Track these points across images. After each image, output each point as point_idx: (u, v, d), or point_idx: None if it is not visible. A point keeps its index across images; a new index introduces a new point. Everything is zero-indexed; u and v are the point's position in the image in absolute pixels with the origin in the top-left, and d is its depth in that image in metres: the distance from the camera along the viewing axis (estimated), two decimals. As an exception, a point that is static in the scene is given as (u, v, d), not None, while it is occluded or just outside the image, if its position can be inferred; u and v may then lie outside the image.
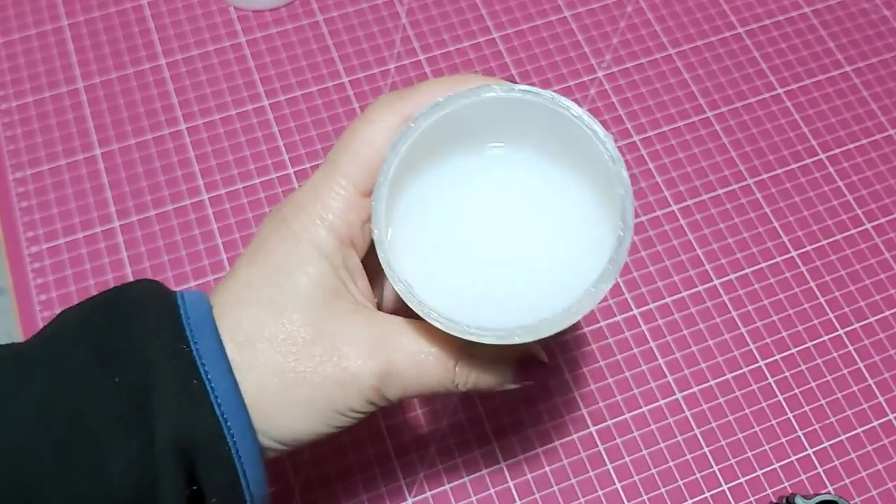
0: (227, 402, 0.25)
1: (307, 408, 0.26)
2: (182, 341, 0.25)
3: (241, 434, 0.25)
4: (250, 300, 0.26)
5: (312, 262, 0.26)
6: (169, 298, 0.26)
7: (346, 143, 0.27)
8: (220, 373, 0.25)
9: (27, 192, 0.45)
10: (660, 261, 0.44)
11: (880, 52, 0.51)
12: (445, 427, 0.40)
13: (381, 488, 0.39)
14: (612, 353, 0.42)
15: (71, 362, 0.24)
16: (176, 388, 0.24)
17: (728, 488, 0.39)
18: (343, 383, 0.26)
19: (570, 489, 0.39)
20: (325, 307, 0.26)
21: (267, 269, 0.27)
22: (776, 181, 0.47)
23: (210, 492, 0.25)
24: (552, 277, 0.27)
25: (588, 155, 0.26)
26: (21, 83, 0.48)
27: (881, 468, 0.40)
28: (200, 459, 0.24)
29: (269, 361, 0.25)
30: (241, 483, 0.25)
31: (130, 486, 0.23)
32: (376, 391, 0.26)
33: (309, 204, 0.27)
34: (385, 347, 0.26)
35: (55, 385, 0.24)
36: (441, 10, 0.51)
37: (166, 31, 0.50)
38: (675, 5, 0.52)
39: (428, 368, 0.27)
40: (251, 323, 0.26)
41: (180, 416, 0.24)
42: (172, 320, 0.25)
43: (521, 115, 0.27)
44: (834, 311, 0.43)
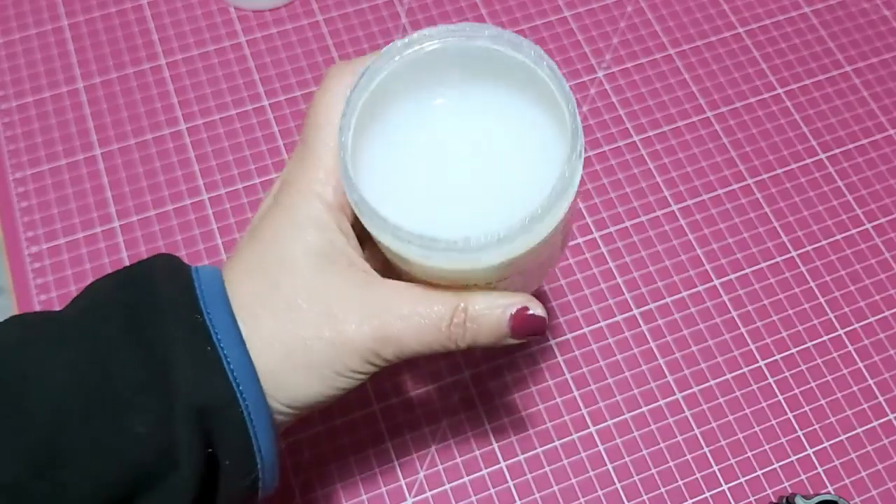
0: (240, 369, 0.26)
1: (311, 371, 0.27)
2: (197, 313, 0.26)
3: (253, 399, 0.26)
4: (251, 274, 0.28)
5: (304, 231, 0.28)
6: (186, 274, 0.28)
7: (313, 117, 0.29)
8: (232, 342, 0.26)
9: (27, 192, 0.45)
10: (660, 261, 0.44)
11: (880, 52, 0.51)
12: (445, 427, 0.40)
13: (381, 488, 0.39)
14: (612, 353, 0.42)
15: (104, 332, 0.26)
16: (193, 356, 0.26)
17: (728, 488, 0.39)
18: (341, 346, 0.27)
19: (570, 489, 0.39)
20: (319, 274, 0.27)
21: (263, 244, 0.28)
22: (776, 181, 0.47)
23: (223, 454, 0.26)
24: (518, 202, 0.27)
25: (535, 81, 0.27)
26: (21, 83, 0.48)
27: (881, 468, 0.40)
28: (216, 423, 0.26)
29: (272, 330, 0.27)
30: (252, 446, 0.26)
31: (154, 446, 0.25)
32: (374, 353, 0.27)
33: (295, 179, 0.28)
34: (379, 310, 0.27)
35: (89, 351, 0.26)
36: (441, 9, 0.51)
37: (166, 31, 0.50)
38: (675, 5, 0.52)
39: (423, 328, 0.28)
40: (252, 295, 0.27)
41: (197, 383, 0.25)
42: (189, 295, 0.27)
43: (476, 57, 0.28)
44: (834, 311, 0.43)
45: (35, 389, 0.25)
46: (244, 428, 0.26)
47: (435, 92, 0.29)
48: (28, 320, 0.27)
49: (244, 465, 0.27)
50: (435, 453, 0.40)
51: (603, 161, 0.47)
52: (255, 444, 0.26)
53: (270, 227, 0.28)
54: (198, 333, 0.26)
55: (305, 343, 0.27)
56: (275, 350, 0.27)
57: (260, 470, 0.27)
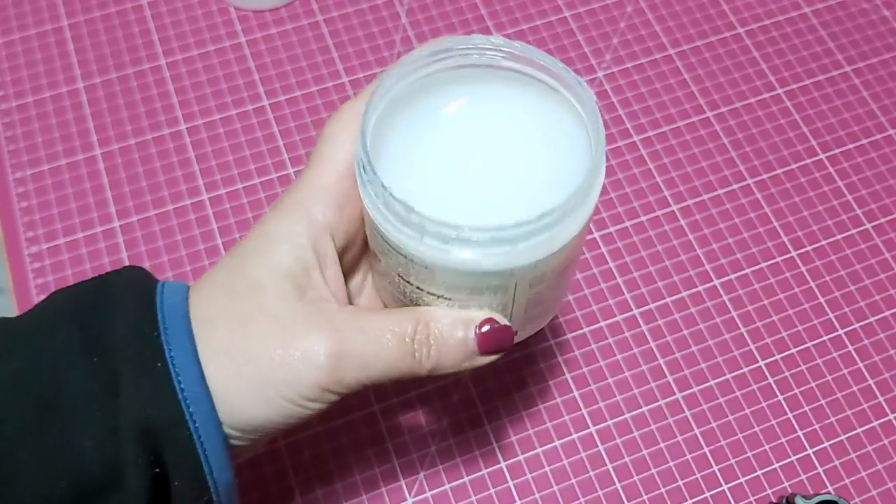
0: (191, 388, 0.25)
1: (257, 391, 0.26)
2: (152, 326, 0.25)
3: (203, 419, 0.25)
4: (212, 283, 0.27)
5: (273, 247, 0.27)
6: (148, 285, 0.27)
7: (321, 136, 0.28)
8: (186, 360, 0.25)
9: (27, 192, 0.45)
10: (660, 261, 0.44)
11: (880, 52, 0.51)
12: (445, 427, 0.40)
13: (381, 488, 0.39)
14: (612, 353, 0.42)
15: (54, 341, 0.25)
16: (141, 371, 0.24)
17: (728, 488, 0.39)
18: (292, 365, 0.25)
19: (570, 489, 0.39)
20: (278, 290, 0.26)
21: (235, 259, 0.27)
22: (776, 181, 0.47)
23: (173, 474, 0.25)
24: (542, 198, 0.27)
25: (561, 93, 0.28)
26: (21, 83, 0.48)
27: (881, 468, 0.40)
28: (163, 443, 0.25)
29: (225, 343, 0.26)
30: (203, 468, 0.25)
31: (100, 461, 0.24)
32: (329, 374, 0.26)
33: (286, 198, 0.28)
34: (337, 327, 0.26)
35: (36, 360, 0.25)
36: (441, 10, 0.51)
37: (166, 31, 0.50)
38: (675, 5, 0.52)
39: (383, 344, 0.26)
40: (208, 303, 0.26)
41: (144, 400, 0.24)
42: (146, 305, 0.26)
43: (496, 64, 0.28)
44: (834, 311, 0.43)
45: None
46: (192, 449, 0.25)
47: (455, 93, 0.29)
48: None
49: (195, 486, 0.25)
50: (435, 453, 0.40)
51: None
52: (206, 465, 0.25)
53: (245, 242, 0.28)
54: (150, 348, 0.25)
55: (253, 358, 0.25)
56: (224, 364, 0.25)
57: (213, 492, 0.26)
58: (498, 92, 0.29)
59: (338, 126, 0.28)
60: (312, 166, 0.28)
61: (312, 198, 0.27)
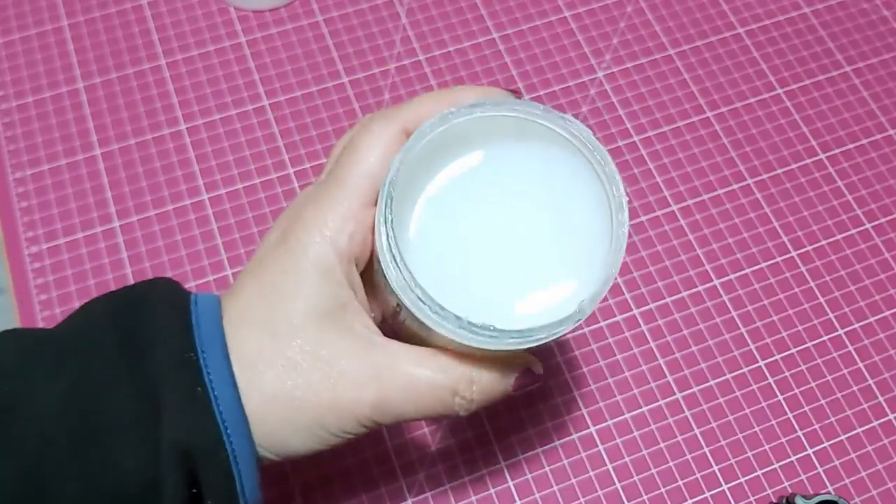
0: (229, 412, 0.25)
1: (303, 429, 0.27)
2: (191, 350, 0.26)
3: (240, 443, 0.26)
4: (252, 321, 0.27)
5: (309, 281, 0.27)
6: (183, 305, 0.27)
7: (349, 155, 0.28)
8: (223, 383, 0.26)
9: (27, 192, 0.45)
10: (660, 261, 0.44)
11: (880, 53, 0.51)
12: (445, 427, 0.40)
13: (380, 489, 0.39)
14: (612, 353, 0.42)
15: (98, 359, 0.26)
16: (182, 395, 0.25)
17: (728, 488, 0.39)
18: (336, 411, 0.26)
19: (570, 489, 0.39)
20: (321, 332, 0.27)
21: (265, 288, 0.27)
22: (776, 181, 0.47)
23: (208, 494, 0.26)
24: (560, 275, 0.27)
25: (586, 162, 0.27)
26: (21, 83, 0.48)
27: (881, 468, 0.40)
28: (201, 464, 0.25)
29: (269, 385, 0.26)
30: (236, 489, 0.26)
31: (140, 481, 0.25)
32: (370, 419, 0.27)
33: (310, 219, 0.27)
34: (379, 376, 0.27)
35: (82, 378, 0.25)
36: (441, 10, 0.51)
37: (166, 31, 0.50)
38: (675, 5, 0.52)
39: (425, 398, 0.27)
40: (252, 345, 0.27)
41: (184, 423, 0.25)
42: (184, 329, 0.26)
43: (523, 128, 0.27)
44: (834, 311, 0.43)
45: (25, 417, 0.24)
46: (229, 471, 0.25)
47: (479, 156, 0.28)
48: (24, 340, 0.27)
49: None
50: (435, 454, 0.40)
51: (603, 161, 0.47)
52: (240, 486, 0.26)
53: (275, 268, 0.27)
54: (189, 372, 0.25)
55: (300, 403, 0.26)
56: (269, 404, 0.26)
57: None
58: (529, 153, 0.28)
59: (365, 143, 0.28)
60: (337, 186, 0.27)
61: (338, 227, 0.27)
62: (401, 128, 0.28)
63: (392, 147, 0.27)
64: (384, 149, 0.27)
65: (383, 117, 0.28)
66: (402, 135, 0.28)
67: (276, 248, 0.28)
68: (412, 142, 0.26)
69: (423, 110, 0.28)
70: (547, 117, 0.27)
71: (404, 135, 0.28)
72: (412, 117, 0.28)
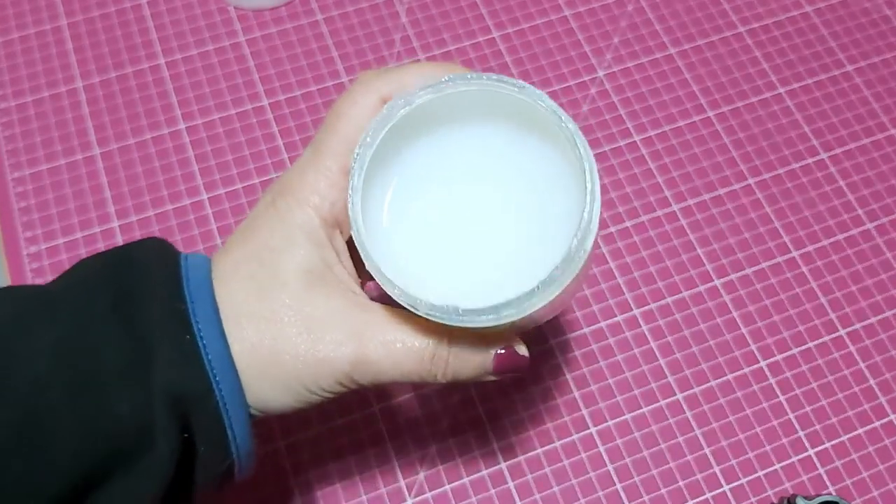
0: (218, 361, 0.26)
1: (279, 384, 0.27)
2: (180, 301, 0.27)
3: (229, 390, 0.26)
4: (240, 276, 0.28)
5: (297, 243, 0.28)
6: (173, 260, 0.28)
7: (331, 124, 0.28)
8: (213, 334, 0.26)
9: (26, 192, 0.45)
10: (660, 261, 0.44)
11: (882, 51, 0.50)
12: (445, 427, 0.40)
13: (380, 489, 0.39)
14: (613, 353, 0.42)
15: (91, 311, 0.26)
16: (172, 344, 0.26)
17: (729, 489, 0.39)
18: (314, 365, 0.27)
19: (571, 490, 0.39)
20: (306, 290, 0.27)
21: (254, 248, 0.28)
22: (777, 181, 0.46)
23: (200, 440, 0.27)
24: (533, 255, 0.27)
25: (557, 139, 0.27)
26: (20, 83, 0.48)
27: (882, 469, 0.40)
28: (192, 411, 0.26)
29: (250, 337, 0.27)
30: (227, 436, 0.27)
31: (133, 427, 0.25)
32: (348, 376, 0.27)
33: (296, 186, 0.28)
34: (360, 335, 0.27)
35: (76, 328, 0.26)
36: (441, 9, 0.51)
37: (165, 31, 0.50)
38: (676, 4, 0.52)
39: (403, 357, 0.27)
40: (238, 298, 0.27)
41: (175, 370, 0.26)
42: (174, 282, 0.27)
43: (492, 101, 0.27)
44: (835, 311, 0.43)
45: (19, 366, 0.25)
46: (219, 418, 0.26)
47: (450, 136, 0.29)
48: (18, 295, 0.27)
49: (219, 452, 0.27)
50: (435, 454, 0.40)
51: (603, 161, 0.47)
52: (231, 433, 0.27)
53: (264, 231, 0.28)
54: (179, 322, 0.26)
55: (279, 357, 0.27)
56: (250, 357, 0.27)
57: (235, 458, 0.27)
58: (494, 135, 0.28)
59: (344, 111, 0.28)
60: (317, 154, 0.28)
61: (321, 194, 0.28)
62: (378, 97, 0.28)
63: (369, 116, 0.28)
64: (362, 117, 0.28)
65: (364, 84, 0.28)
66: (381, 103, 0.28)
67: (265, 210, 0.29)
68: (373, 128, 0.27)
69: (406, 79, 0.28)
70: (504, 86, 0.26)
71: (382, 103, 0.28)
72: (392, 87, 0.28)
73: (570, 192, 0.27)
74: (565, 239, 0.25)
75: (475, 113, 0.28)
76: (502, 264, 0.28)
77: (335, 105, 0.29)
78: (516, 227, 0.28)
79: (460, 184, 0.29)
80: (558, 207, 0.28)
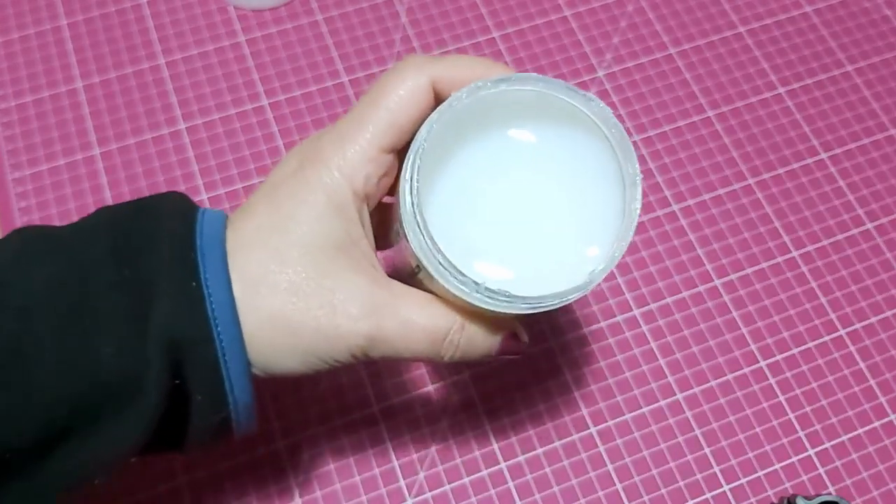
0: (221, 310, 0.26)
1: (294, 352, 0.27)
2: (191, 249, 0.26)
3: (230, 340, 0.26)
4: (260, 244, 0.27)
5: (324, 214, 0.27)
6: (190, 210, 0.28)
7: (375, 96, 0.28)
8: (219, 284, 0.26)
9: (26, 191, 0.45)
10: (660, 261, 0.44)
11: (881, 51, 0.50)
12: (445, 427, 0.40)
13: (380, 489, 0.39)
14: (613, 353, 0.42)
15: (90, 251, 0.26)
16: (176, 288, 0.26)
17: (729, 489, 0.39)
18: (331, 339, 0.27)
19: (571, 490, 0.39)
20: (329, 262, 0.27)
21: (279, 214, 0.28)
22: (777, 181, 0.46)
23: (195, 388, 0.26)
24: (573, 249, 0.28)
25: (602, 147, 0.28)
26: (20, 83, 0.48)
27: (882, 469, 0.40)
28: (189, 357, 0.26)
29: (268, 307, 0.27)
30: (224, 386, 0.26)
31: (118, 369, 0.25)
32: (362, 349, 0.28)
33: (330, 152, 0.28)
34: (379, 312, 0.27)
35: (69, 266, 0.26)
36: (441, 9, 0.51)
37: (165, 31, 0.50)
38: (676, 4, 0.52)
39: (417, 337, 0.28)
40: (257, 267, 0.27)
41: (175, 315, 0.25)
42: (187, 229, 0.27)
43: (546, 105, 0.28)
44: (835, 311, 0.43)
45: (11, 296, 0.25)
46: (217, 367, 0.26)
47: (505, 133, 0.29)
48: (28, 233, 0.27)
49: (215, 402, 0.27)
50: (435, 454, 0.40)
51: (603, 161, 0.47)
52: (228, 384, 0.26)
53: (290, 198, 0.28)
54: (186, 268, 0.26)
55: (297, 328, 0.27)
56: (265, 326, 0.27)
57: (232, 410, 0.27)
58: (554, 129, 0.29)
59: (392, 87, 0.28)
60: (358, 125, 0.28)
61: (356, 167, 0.27)
62: (429, 80, 0.28)
63: (417, 96, 0.28)
64: (410, 97, 0.28)
65: (415, 65, 0.28)
66: (430, 87, 0.28)
67: (293, 175, 0.28)
68: (442, 112, 0.27)
69: (455, 70, 0.28)
70: (569, 93, 0.27)
71: (431, 88, 0.28)
72: (443, 73, 0.28)
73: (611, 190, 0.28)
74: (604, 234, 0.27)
75: (526, 108, 0.29)
76: (542, 253, 0.29)
77: (381, 79, 0.28)
78: (557, 219, 0.29)
79: (507, 174, 0.29)
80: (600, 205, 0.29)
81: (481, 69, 0.28)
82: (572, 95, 0.27)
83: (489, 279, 0.26)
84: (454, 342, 0.28)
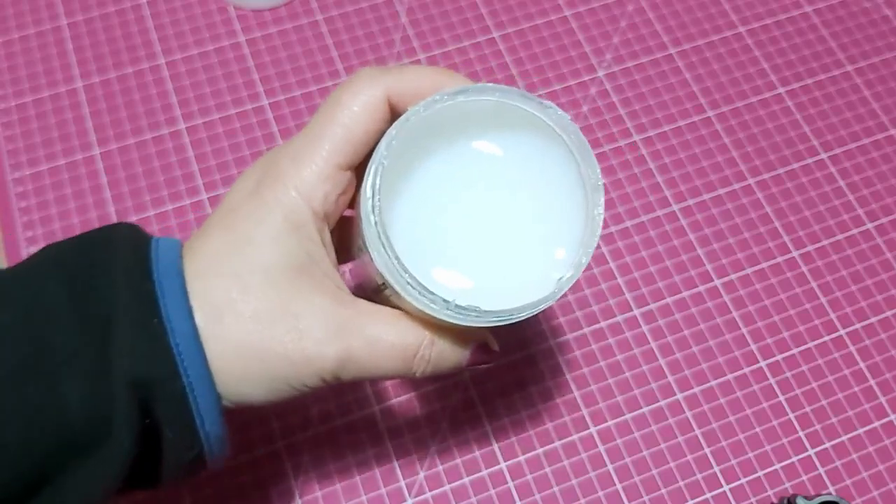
0: (185, 343, 0.25)
1: (262, 380, 0.27)
2: (148, 281, 0.25)
3: (196, 374, 0.25)
4: (220, 271, 0.26)
5: (282, 235, 0.26)
6: (142, 241, 0.27)
7: (329, 113, 0.27)
8: (181, 316, 0.25)
9: (26, 191, 0.45)
10: (660, 261, 0.44)
11: (881, 51, 0.50)
12: (445, 427, 0.40)
13: (380, 489, 0.39)
14: (613, 353, 0.42)
15: (42, 294, 0.25)
16: (136, 324, 0.25)
17: (729, 489, 0.39)
18: (300, 364, 0.26)
19: (571, 490, 0.39)
20: (291, 285, 0.26)
21: (237, 238, 0.27)
22: (777, 181, 0.46)
23: (166, 426, 0.26)
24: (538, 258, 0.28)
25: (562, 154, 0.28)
26: (20, 83, 0.48)
27: (882, 469, 0.40)
28: (156, 394, 0.25)
29: (234, 336, 0.26)
30: (195, 422, 0.26)
31: (85, 415, 0.24)
32: (332, 373, 0.27)
33: (287, 173, 0.27)
34: (346, 333, 0.27)
35: (22, 312, 0.25)
36: (441, 9, 0.51)
37: (165, 31, 0.50)
38: (676, 4, 0.52)
39: (387, 355, 0.27)
40: (220, 294, 0.26)
41: (137, 352, 0.25)
42: (141, 261, 0.26)
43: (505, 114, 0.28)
44: (835, 311, 0.43)
45: None
46: (185, 402, 0.25)
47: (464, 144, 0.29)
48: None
49: (187, 438, 0.26)
50: (435, 454, 0.40)
51: (603, 161, 0.47)
52: (199, 418, 0.26)
53: (247, 220, 0.27)
54: (144, 302, 0.25)
55: (264, 355, 0.26)
56: (232, 356, 0.26)
57: (205, 443, 0.26)
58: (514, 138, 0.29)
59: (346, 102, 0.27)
60: (314, 143, 0.27)
61: (313, 185, 0.27)
62: (384, 92, 0.27)
63: (372, 110, 0.27)
64: (365, 111, 0.27)
65: (369, 78, 0.27)
66: (385, 100, 0.27)
67: (249, 198, 0.27)
68: (400, 126, 0.26)
69: (410, 81, 0.27)
70: (525, 101, 0.27)
71: (387, 101, 0.27)
72: (398, 85, 0.27)
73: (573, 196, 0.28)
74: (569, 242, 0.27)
75: (487, 120, 0.28)
76: (508, 264, 0.28)
77: (334, 94, 0.28)
78: (521, 229, 0.29)
79: (469, 186, 0.29)
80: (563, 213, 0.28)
81: (438, 78, 0.28)
82: (529, 103, 0.27)
83: (458, 294, 0.26)
84: (425, 357, 0.28)
